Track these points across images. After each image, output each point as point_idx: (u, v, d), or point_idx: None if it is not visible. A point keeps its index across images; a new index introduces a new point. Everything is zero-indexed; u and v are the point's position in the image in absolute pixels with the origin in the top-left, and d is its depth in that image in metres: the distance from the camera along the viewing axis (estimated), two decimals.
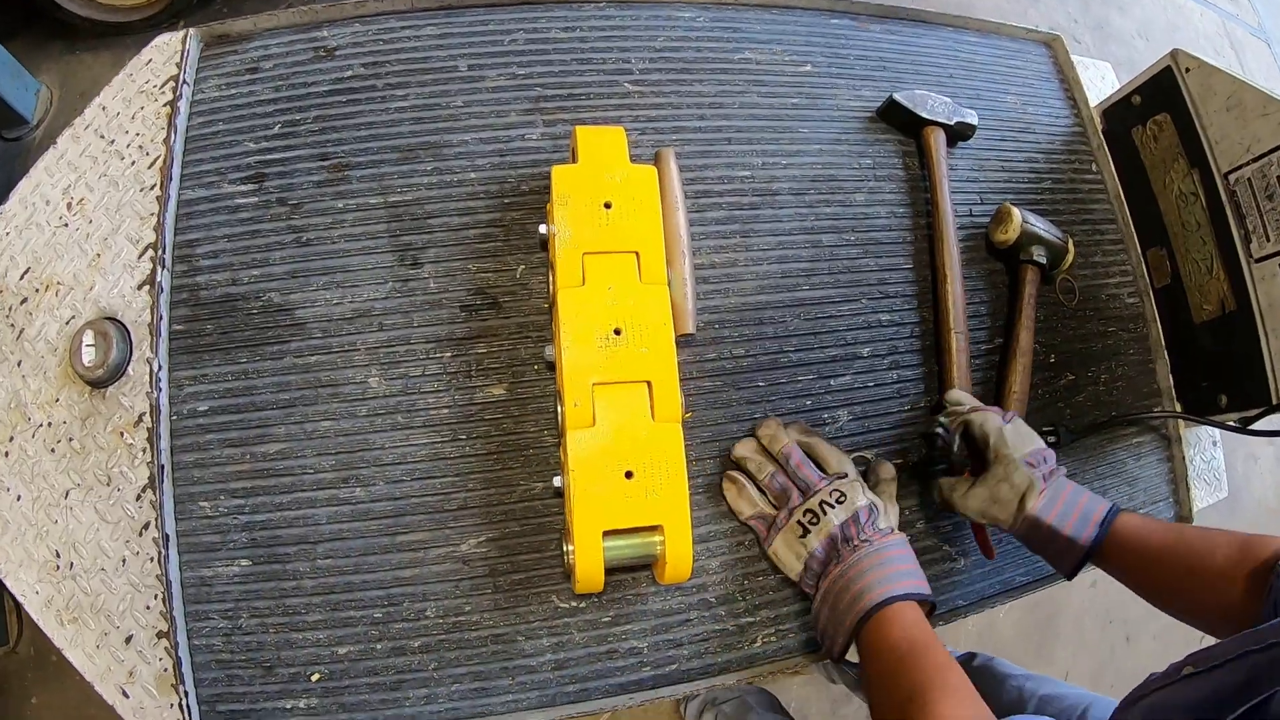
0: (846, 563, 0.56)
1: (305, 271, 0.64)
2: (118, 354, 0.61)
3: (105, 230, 0.65)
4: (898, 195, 0.76)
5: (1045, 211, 0.80)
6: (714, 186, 0.71)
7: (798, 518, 0.59)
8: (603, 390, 0.55)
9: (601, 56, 0.72)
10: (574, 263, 0.57)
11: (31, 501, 0.61)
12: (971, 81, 0.84)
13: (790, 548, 0.59)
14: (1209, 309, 0.78)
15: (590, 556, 0.53)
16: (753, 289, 0.69)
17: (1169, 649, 1.64)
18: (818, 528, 0.58)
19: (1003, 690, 0.81)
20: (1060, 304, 0.80)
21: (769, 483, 0.61)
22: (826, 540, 0.57)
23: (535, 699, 0.60)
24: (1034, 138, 0.85)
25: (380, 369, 0.62)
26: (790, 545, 0.59)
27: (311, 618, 0.59)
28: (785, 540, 0.60)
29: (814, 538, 0.58)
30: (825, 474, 0.60)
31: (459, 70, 0.70)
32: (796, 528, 0.59)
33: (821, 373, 0.69)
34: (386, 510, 0.60)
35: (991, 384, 0.74)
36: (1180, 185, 0.79)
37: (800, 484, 0.60)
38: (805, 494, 0.59)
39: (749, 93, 0.74)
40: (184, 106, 0.67)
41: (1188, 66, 0.77)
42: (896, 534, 0.59)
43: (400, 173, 0.66)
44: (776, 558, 0.61)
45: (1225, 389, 0.77)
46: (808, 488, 0.59)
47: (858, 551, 0.56)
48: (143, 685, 0.58)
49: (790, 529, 0.59)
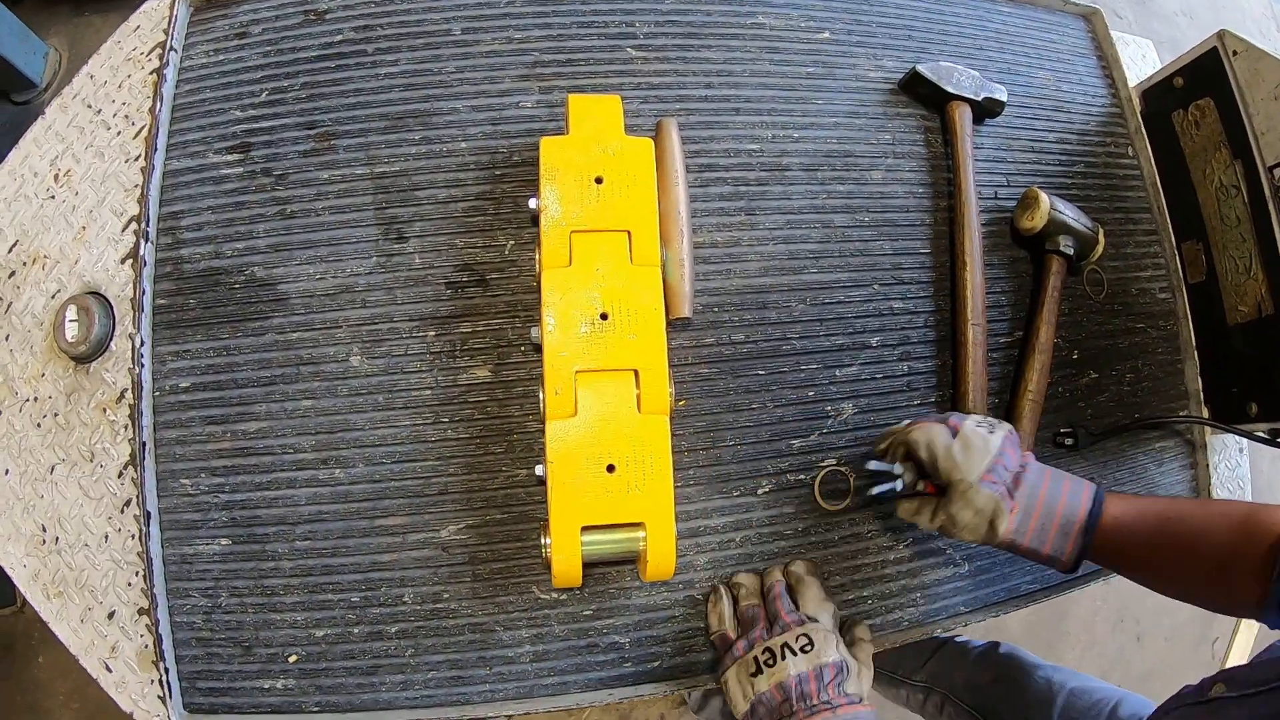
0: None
1: (288, 245, 0.62)
2: (100, 329, 0.60)
3: (91, 202, 0.63)
4: (918, 174, 0.71)
5: (1075, 197, 0.75)
6: (719, 160, 0.67)
7: (755, 652, 0.53)
8: (586, 378, 0.52)
9: (604, 20, 0.68)
10: (561, 241, 0.54)
11: (19, 476, 0.60)
12: (1002, 55, 0.78)
13: (740, 683, 0.53)
14: (1244, 310, 0.72)
15: (568, 552, 0.51)
16: (756, 270, 0.65)
17: (1180, 650, 1.59)
18: (771, 670, 0.51)
19: (1031, 680, 0.78)
20: (1087, 296, 0.75)
21: (743, 610, 0.57)
22: (777, 688, 0.51)
23: (513, 690, 0.58)
24: (1067, 118, 0.79)
25: (362, 347, 0.60)
26: (740, 680, 0.53)
27: (290, 599, 0.58)
28: (736, 673, 0.54)
29: (764, 680, 0.51)
30: (797, 610, 0.55)
31: (452, 34, 0.66)
32: (750, 663, 0.53)
33: (826, 362, 0.65)
34: (366, 493, 0.59)
35: (1008, 380, 0.70)
36: (1221, 176, 0.73)
37: (770, 614, 0.55)
38: (771, 627, 0.54)
39: (760, 60, 0.70)
40: (171, 74, 0.65)
41: (1235, 49, 0.71)
42: (865, 706, 0.52)
43: (388, 142, 0.63)
44: (725, 688, 0.54)
45: (1257, 397, 0.71)
46: (775, 620, 0.54)
47: (816, 716, 0.50)
48: (125, 661, 0.58)
49: (744, 663, 0.53)
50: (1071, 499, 0.53)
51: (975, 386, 0.66)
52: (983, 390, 0.66)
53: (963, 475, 0.52)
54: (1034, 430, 0.68)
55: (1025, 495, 0.52)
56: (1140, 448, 0.74)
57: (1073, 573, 0.54)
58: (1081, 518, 0.52)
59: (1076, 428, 0.70)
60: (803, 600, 0.56)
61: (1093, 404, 0.73)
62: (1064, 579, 0.69)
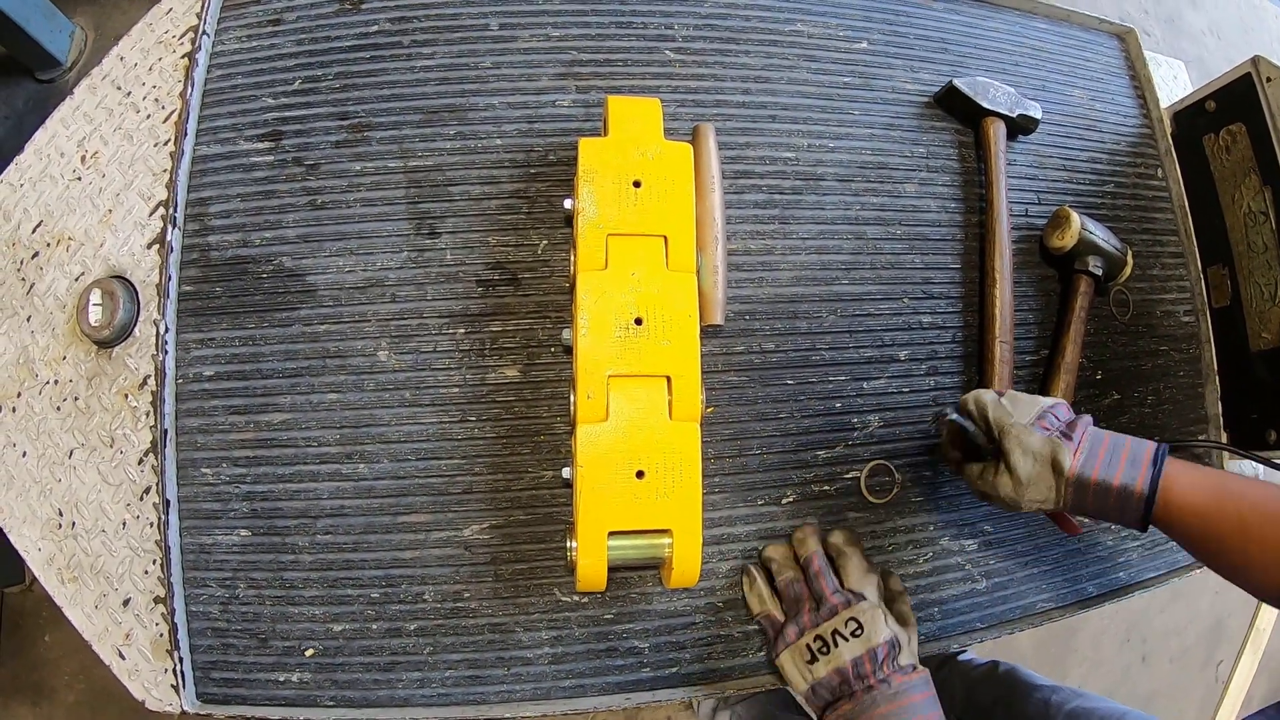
0: (859, 703, 0.51)
1: (318, 236, 0.61)
2: (124, 314, 0.59)
3: (118, 185, 0.62)
4: (950, 189, 0.71)
5: (1104, 217, 0.74)
6: (754, 167, 0.66)
7: (807, 640, 0.54)
8: (619, 383, 0.52)
9: (643, 21, 0.67)
10: (597, 244, 0.53)
11: (36, 458, 0.60)
12: (1037, 71, 0.78)
13: (797, 668, 0.55)
14: (1268, 338, 0.73)
15: (594, 557, 0.50)
16: (788, 280, 0.65)
17: (1185, 672, 1.60)
18: (827, 658, 0.53)
19: (1028, 702, 0.78)
20: (1112, 317, 0.74)
21: (784, 588, 0.57)
22: (834, 673, 0.53)
23: (530, 691, 0.58)
24: (1099, 137, 0.79)
25: (391, 342, 0.60)
26: (797, 666, 0.55)
27: (308, 593, 0.58)
28: (791, 658, 0.55)
29: (822, 667, 0.53)
30: (841, 588, 0.56)
31: (490, 29, 0.66)
32: (804, 650, 0.54)
33: (854, 374, 0.65)
34: (390, 489, 0.58)
35: None
36: (1250, 202, 0.73)
37: (814, 594, 0.56)
38: (818, 608, 0.55)
39: (798, 68, 0.69)
40: (203, 59, 0.65)
41: (1269, 76, 0.71)
42: (919, 672, 0.53)
43: (422, 136, 0.63)
44: (782, 670, 0.56)
45: (1276, 424, 0.72)
46: (820, 600, 0.55)
47: (873, 692, 0.51)
48: (139, 648, 0.57)
49: (797, 649, 0.55)
50: (1136, 440, 0.51)
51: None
52: None
53: (1014, 420, 0.52)
54: None
55: (1087, 434, 0.51)
56: None
57: (1147, 518, 0.50)
58: (1151, 446, 0.50)
59: None
60: (845, 574, 0.57)
61: (1114, 424, 0.73)
62: (1079, 598, 0.69)
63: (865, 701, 0.51)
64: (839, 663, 0.52)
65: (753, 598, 0.59)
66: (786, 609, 0.57)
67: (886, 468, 0.64)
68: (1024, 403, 0.54)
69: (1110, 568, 0.71)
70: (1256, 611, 1.63)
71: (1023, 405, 0.54)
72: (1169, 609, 1.62)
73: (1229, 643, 1.67)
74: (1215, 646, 1.62)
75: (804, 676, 0.54)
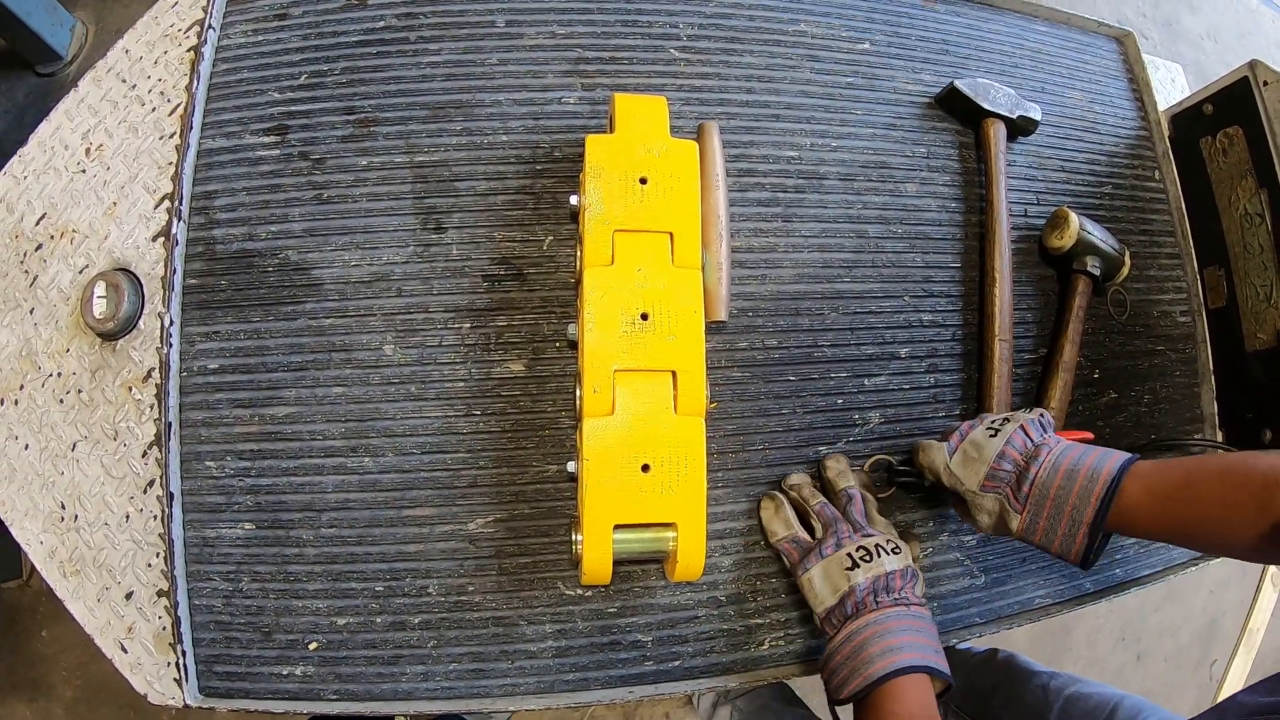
0: (885, 613, 0.53)
1: (324, 230, 0.61)
2: (129, 307, 0.59)
3: (123, 178, 0.62)
4: (951, 189, 0.71)
5: (1102, 218, 0.75)
6: (758, 166, 0.67)
7: (848, 549, 0.55)
8: (625, 377, 0.52)
9: (648, 20, 0.68)
10: (603, 240, 0.54)
11: (39, 451, 0.60)
12: (1036, 73, 0.79)
13: (829, 579, 0.55)
14: (1263, 338, 0.73)
15: (599, 550, 0.51)
16: (791, 277, 0.65)
17: (1180, 672, 1.61)
18: (869, 565, 0.54)
19: (1027, 689, 0.78)
20: (1109, 317, 0.75)
21: (820, 509, 0.59)
22: (872, 580, 0.54)
23: (533, 685, 0.58)
24: (1097, 139, 0.80)
25: (396, 336, 0.60)
26: (830, 576, 0.55)
27: (312, 586, 0.58)
28: (826, 570, 0.55)
29: (862, 573, 0.54)
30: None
31: (496, 26, 0.66)
32: (845, 559, 0.55)
33: (855, 371, 0.65)
34: (394, 482, 0.59)
35: (1031, 395, 0.71)
36: (1246, 205, 0.74)
37: (853, 522, 0.57)
38: (855, 532, 0.56)
39: (801, 68, 0.70)
40: (208, 52, 0.65)
41: (1266, 80, 0.72)
42: (927, 607, 0.56)
43: (428, 131, 0.63)
44: (809, 585, 0.56)
45: (1271, 424, 0.73)
46: (859, 528, 0.57)
47: (897, 607, 0.53)
48: (141, 642, 0.57)
49: (837, 559, 0.55)
50: (1083, 493, 0.51)
51: (1000, 401, 0.67)
52: (1007, 405, 0.67)
53: (966, 486, 0.56)
54: None
55: (1035, 494, 0.53)
56: None
57: (1085, 568, 0.54)
58: (1089, 517, 0.51)
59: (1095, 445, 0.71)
60: (871, 520, 0.59)
61: (1111, 423, 0.74)
62: (1076, 594, 0.70)
63: (891, 612, 0.53)
64: (879, 570, 0.54)
65: (777, 521, 0.60)
66: (824, 526, 0.58)
67: (887, 463, 0.64)
68: (972, 463, 0.56)
69: (1107, 564, 0.71)
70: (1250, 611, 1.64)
71: (971, 468, 0.56)
72: (1163, 608, 1.64)
73: (1223, 642, 1.68)
74: (1209, 646, 1.63)
75: (837, 587, 0.54)
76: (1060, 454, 0.54)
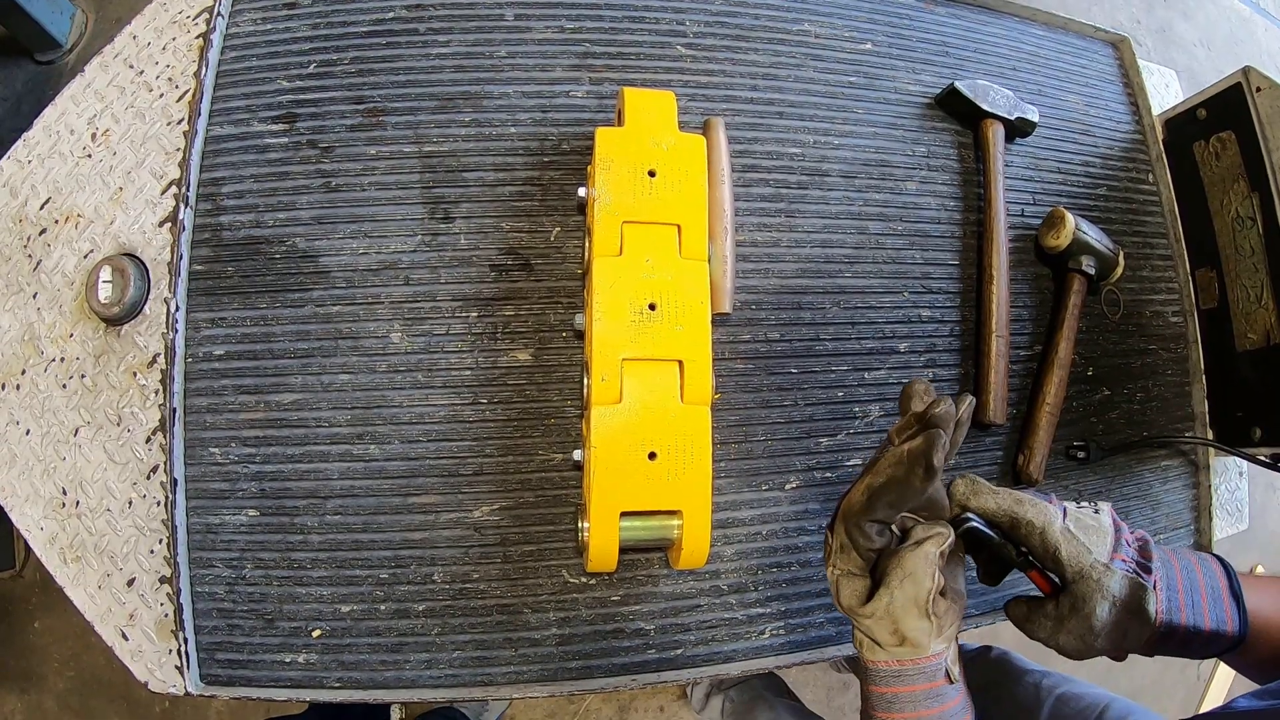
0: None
1: (332, 218, 0.61)
2: (135, 292, 0.59)
3: (129, 163, 0.62)
4: (950, 188, 0.73)
5: (1097, 219, 0.77)
6: (762, 162, 0.68)
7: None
8: (632, 366, 0.52)
9: (655, 16, 0.69)
10: (612, 231, 0.54)
11: (40, 437, 0.59)
12: (1034, 76, 0.80)
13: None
14: (1253, 338, 0.75)
15: (605, 537, 0.51)
16: (793, 272, 0.66)
17: (1167, 672, 1.63)
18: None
19: (1018, 686, 0.79)
20: (1103, 316, 0.77)
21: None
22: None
23: (537, 672, 0.58)
24: (1093, 141, 0.81)
25: (403, 324, 0.60)
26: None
27: (316, 573, 0.58)
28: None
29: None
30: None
31: (505, 19, 0.66)
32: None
33: (856, 365, 0.66)
34: (400, 470, 0.59)
35: (1026, 391, 0.72)
36: (1238, 208, 0.76)
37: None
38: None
39: (805, 66, 0.71)
40: (217, 40, 0.65)
41: (1259, 86, 0.74)
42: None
43: (437, 122, 0.64)
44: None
45: (1261, 422, 0.74)
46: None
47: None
48: (142, 629, 0.57)
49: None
50: (1195, 558, 0.44)
51: (996, 396, 0.68)
52: (1003, 400, 0.68)
53: (1091, 560, 0.42)
54: (1049, 442, 0.70)
55: (1159, 564, 0.43)
56: (1146, 465, 0.76)
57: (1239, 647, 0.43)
58: (1221, 576, 0.44)
59: (1088, 442, 0.72)
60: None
61: (1104, 420, 0.75)
62: None
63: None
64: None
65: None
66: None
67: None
68: (1088, 526, 0.44)
69: None
70: None
71: (1089, 530, 0.44)
72: None
73: None
74: None
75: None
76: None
